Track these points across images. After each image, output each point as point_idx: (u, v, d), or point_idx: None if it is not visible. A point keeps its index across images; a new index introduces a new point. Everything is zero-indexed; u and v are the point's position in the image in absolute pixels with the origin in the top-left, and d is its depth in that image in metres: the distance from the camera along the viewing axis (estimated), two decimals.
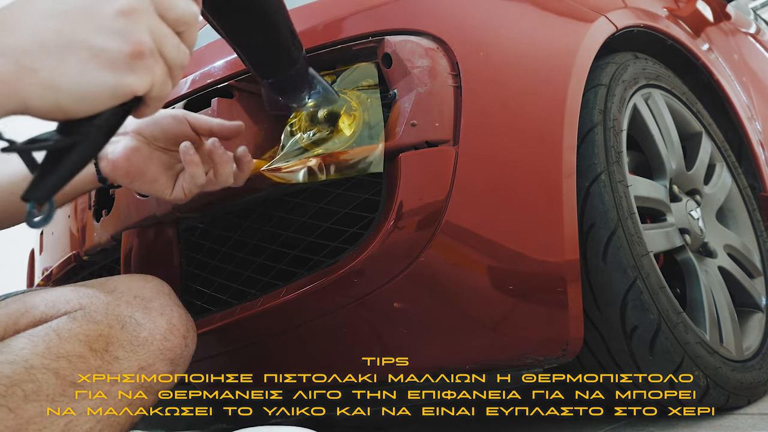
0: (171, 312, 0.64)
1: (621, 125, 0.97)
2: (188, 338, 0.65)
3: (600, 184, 0.86)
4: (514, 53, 0.84)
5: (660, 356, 0.84)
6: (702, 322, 0.96)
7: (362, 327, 0.74)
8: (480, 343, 0.75)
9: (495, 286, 0.74)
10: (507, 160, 0.76)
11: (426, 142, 0.71)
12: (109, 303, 0.61)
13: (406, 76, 0.73)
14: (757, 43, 1.95)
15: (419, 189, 0.70)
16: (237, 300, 0.79)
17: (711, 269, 1.08)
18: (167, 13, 0.43)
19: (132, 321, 0.60)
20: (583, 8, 0.99)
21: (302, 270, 0.75)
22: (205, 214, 0.81)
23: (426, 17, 0.78)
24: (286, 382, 0.83)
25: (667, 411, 0.93)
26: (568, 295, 0.77)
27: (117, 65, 0.40)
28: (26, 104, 0.39)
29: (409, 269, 0.70)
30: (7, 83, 0.37)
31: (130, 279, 0.66)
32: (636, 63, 1.09)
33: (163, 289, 0.66)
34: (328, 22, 0.80)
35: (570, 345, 0.78)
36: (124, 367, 0.58)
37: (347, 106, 0.74)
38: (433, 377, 0.76)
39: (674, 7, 1.40)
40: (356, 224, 0.73)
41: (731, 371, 0.92)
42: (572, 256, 0.78)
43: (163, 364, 0.61)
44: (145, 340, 0.60)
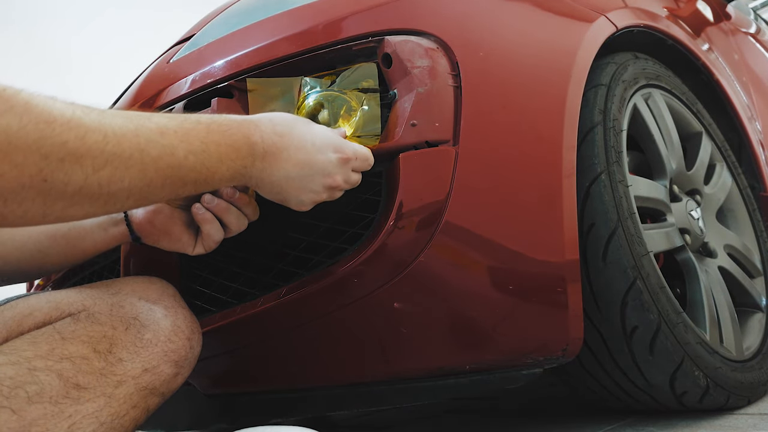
0: (175, 313, 0.64)
1: (621, 125, 0.97)
2: (193, 340, 0.64)
3: (600, 184, 0.86)
4: (514, 53, 0.84)
5: (660, 356, 0.84)
6: (702, 322, 0.96)
7: (362, 327, 0.74)
8: (480, 343, 0.75)
9: (495, 286, 0.74)
10: (507, 160, 0.76)
11: (426, 142, 0.71)
12: (113, 305, 0.61)
13: (406, 76, 0.73)
14: (757, 43, 1.95)
15: (419, 189, 0.70)
16: (237, 300, 0.79)
17: (711, 269, 1.08)
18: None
19: (136, 323, 0.60)
20: (583, 8, 0.99)
21: (302, 270, 0.75)
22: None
23: (426, 17, 0.78)
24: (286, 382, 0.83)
25: (667, 411, 0.94)
26: (568, 295, 0.77)
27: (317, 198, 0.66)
28: (257, 185, 0.63)
29: (409, 269, 0.70)
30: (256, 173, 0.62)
31: (134, 281, 0.66)
32: (636, 63, 1.09)
33: (167, 291, 0.66)
34: (328, 22, 0.79)
35: (570, 345, 0.77)
36: (128, 369, 0.58)
37: (347, 106, 0.74)
38: (433, 377, 0.76)
39: (674, 7, 1.40)
40: (356, 224, 0.73)
41: (731, 371, 0.92)
42: (572, 256, 0.78)
43: (168, 365, 0.61)
44: (149, 342, 0.60)
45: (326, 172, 0.64)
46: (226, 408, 0.90)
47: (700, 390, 0.87)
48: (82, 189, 0.48)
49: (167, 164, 0.52)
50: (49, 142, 0.44)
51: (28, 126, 0.44)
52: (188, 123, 0.56)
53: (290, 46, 0.79)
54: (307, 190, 0.65)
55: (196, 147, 0.55)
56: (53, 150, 0.45)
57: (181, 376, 0.63)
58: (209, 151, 0.56)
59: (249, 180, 0.61)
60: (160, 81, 0.91)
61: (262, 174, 0.61)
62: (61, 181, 0.46)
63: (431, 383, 0.77)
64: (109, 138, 0.48)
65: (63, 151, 0.45)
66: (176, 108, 0.85)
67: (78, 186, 0.47)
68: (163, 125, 0.53)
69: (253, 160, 0.60)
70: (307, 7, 0.84)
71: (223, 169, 0.58)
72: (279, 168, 0.62)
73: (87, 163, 0.47)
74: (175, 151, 0.53)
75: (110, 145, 0.48)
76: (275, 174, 0.62)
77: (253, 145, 0.60)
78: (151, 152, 0.51)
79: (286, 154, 0.62)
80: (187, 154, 0.54)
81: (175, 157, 0.53)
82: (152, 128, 0.52)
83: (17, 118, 0.43)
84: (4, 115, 0.43)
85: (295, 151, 0.62)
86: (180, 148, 0.54)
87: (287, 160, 0.62)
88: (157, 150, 0.52)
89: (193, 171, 0.55)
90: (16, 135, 0.43)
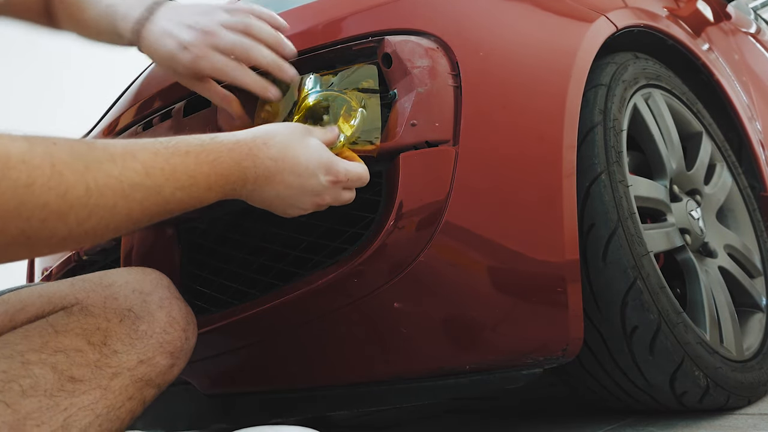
0: (170, 305, 0.63)
1: (621, 125, 0.97)
2: (188, 331, 0.64)
3: (600, 184, 0.86)
4: (514, 53, 0.84)
5: (660, 356, 0.84)
6: (702, 322, 0.96)
7: (362, 327, 0.74)
8: (480, 343, 0.75)
9: (495, 286, 0.74)
10: (507, 160, 0.76)
11: (426, 142, 0.71)
12: (107, 297, 0.60)
13: (406, 76, 0.73)
14: (757, 43, 1.95)
15: (419, 189, 0.70)
16: (237, 300, 0.79)
17: (711, 269, 1.08)
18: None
19: (130, 314, 0.60)
20: (583, 8, 0.99)
21: (302, 270, 0.75)
22: (205, 215, 0.81)
23: (426, 17, 0.78)
24: (286, 382, 0.83)
25: (667, 411, 0.94)
26: (568, 295, 0.77)
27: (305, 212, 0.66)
28: (245, 199, 0.62)
29: (409, 269, 0.70)
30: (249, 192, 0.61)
31: (128, 272, 0.65)
32: (636, 63, 1.09)
33: (162, 282, 0.65)
34: (328, 22, 0.79)
35: (570, 345, 0.77)
36: (123, 361, 0.57)
37: (347, 106, 0.74)
38: (433, 377, 0.76)
39: (674, 7, 1.40)
40: (356, 224, 0.73)
41: (731, 371, 0.92)
42: (572, 256, 0.78)
43: (163, 357, 0.60)
44: (144, 333, 0.60)
45: (316, 192, 0.64)
46: (226, 408, 0.89)
47: (700, 390, 0.87)
48: (67, 239, 0.47)
49: (153, 203, 0.52)
50: (29, 206, 0.43)
51: (6, 193, 0.42)
52: (176, 157, 0.54)
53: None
54: (294, 207, 0.65)
55: (184, 182, 0.54)
56: (34, 213, 0.44)
57: (177, 367, 0.63)
58: (198, 184, 0.55)
59: (237, 197, 0.61)
60: (160, 81, 0.91)
61: (252, 194, 0.62)
62: (45, 237, 0.45)
63: (431, 383, 0.77)
64: (91, 191, 0.47)
65: (45, 212, 0.44)
66: (176, 108, 0.85)
67: (62, 237, 0.47)
68: (149, 165, 0.52)
69: (243, 184, 0.60)
70: (307, 7, 0.83)
71: (212, 196, 0.57)
72: (269, 189, 0.62)
73: (71, 219, 0.46)
74: (162, 191, 0.52)
75: (93, 198, 0.47)
76: (265, 194, 0.62)
77: (245, 170, 0.59)
78: (136, 196, 0.50)
79: (279, 178, 0.62)
80: (174, 191, 0.53)
81: (161, 196, 0.52)
82: (138, 170, 0.50)
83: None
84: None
85: (288, 174, 0.62)
86: (166, 187, 0.53)
87: (279, 183, 0.62)
88: (142, 193, 0.51)
89: (180, 203, 0.54)
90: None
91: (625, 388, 0.89)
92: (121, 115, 0.97)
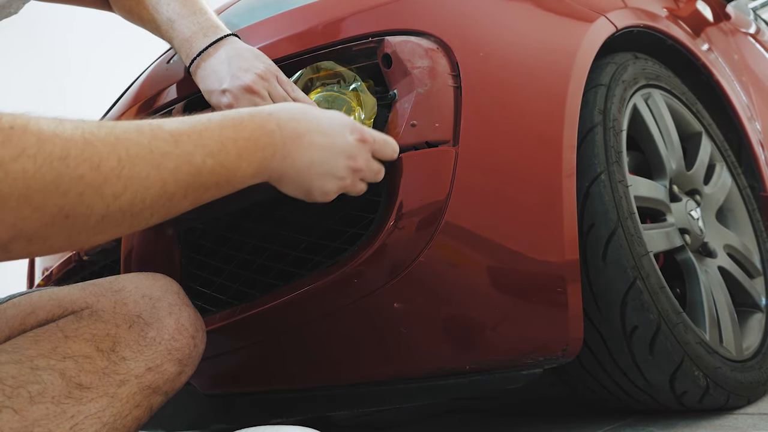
0: (179, 311, 0.63)
1: (621, 125, 0.97)
2: (197, 338, 0.64)
3: (600, 184, 0.86)
4: (514, 53, 0.84)
5: (660, 356, 0.84)
6: (702, 322, 0.96)
7: (362, 327, 0.74)
8: (480, 343, 0.75)
9: (495, 286, 0.74)
10: (507, 160, 0.76)
11: (426, 142, 0.71)
12: (117, 302, 0.60)
13: (406, 76, 0.73)
14: (757, 43, 1.95)
15: (419, 189, 0.70)
16: (237, 300, 0.79)
17: (711, 269, 1.08)
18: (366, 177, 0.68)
19: (139, 320, 0.60)
20: (583, 8, 0.99)
21: (302, 270, 0.75)
22: (205, 215, 0.81)
23: (426, 18, 0.78)
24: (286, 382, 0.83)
25: (667, 411, 0.94)
26: (568, 295, 0.77)
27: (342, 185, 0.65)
28: (280, 178, 0.61)
29: (409, 269, 0.70)
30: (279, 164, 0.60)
31: (137, 278, 0.65)
32: (636, 63, 1.09)
33: (171, 288, 0.65)
34: (328, 22, 0.80)
35: (570, 345, 0.78)
36: (131, 368, 0.57)
37: (347, 107, 0.74)
38: (433, 377, 0.76)
39: (674, 7, 1.40)
40: (356, 224, 0.73)
41: (731, 371, 0.92)
42: (572, 256, 0.78)
43: (171, 364, 0.60)
44: (153, 340, 0.59)
45: (348, 153, 0.63)
46: (226, 408, 0.90)
47: (700, 390, 0.87)
48: (105, 218, 0.47)
49: (186, 173, 0.51)
50: (66, 180, 0.43)
51: (43, 167, 0.42)
52: (200, 124, 0.54)
53: (290, 47, 0.79)
54: (331, 176, 0.63)
55: (212, 148, 0.53)
56: (71, 186, 0.44)
57: (185, 375, 0.62)
58: (227, 150, 0.54)
59: (272, 173, 0.59)
60: (159, 81, 0.91)
61: (284, 164, 0.60)
62: (83, 215, 0.45)
63: (431, 383, 0.77)
64: (124, 162, 0.47)
65: (81, 185, 0.44)
66: (176, 108, 0.85)
67: (100, 216, 0.46)
68: (176, 132, 0.52)
69: (273, 150, 0.58)
70: (307, 8, 0.84)
71: (244, 166, 0.56)
72: (301, 155, 0.60)
73: (106, 192, 0.46)
74: (192, 158, 0.52)
75: (126, 169, 0.47)
76: (297, 161, 0.60)
77: (271, 134, 0.58)
78: (168, 165, 0.50)
79: (307, 140, 0.61)
80: (204, 158, 0.52)
81: (193, 164, 0.52)
82: (166, 138, 0.50)
83: (31, 160, 0.42)
84: (18, 159, 0.41)
85: (315, 134, 0.61)
86: (197, 154, 0.52)
87: (308, 146, 0.61)
88: (173, 161, 0.50)
89: (213, 174, 0.53)
90: (33, 178, 0.42)
91: (625, 388, 0.89)
92: (121, 115, 0.97)
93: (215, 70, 0.75)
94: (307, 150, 0.61)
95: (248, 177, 0.57)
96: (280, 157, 0.59)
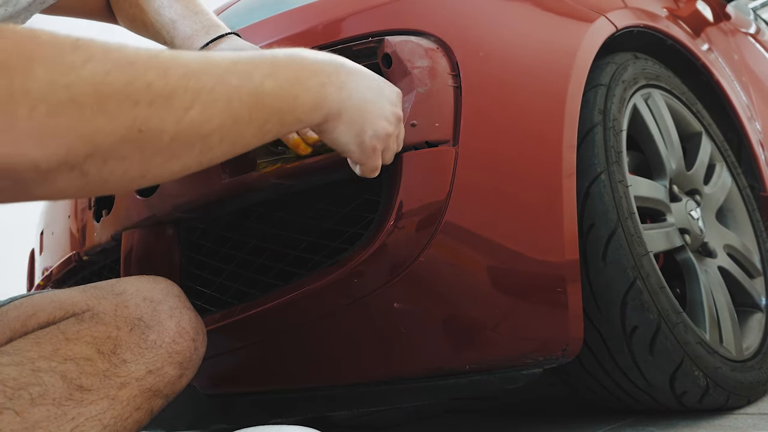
0: (180, 314, 0.63)
1: (621, 125, 0.97)
2: (198, 341, 0.63)
3: (600, 184, 0.86)
4: (514, 53, 0.84)
5: (660, 356, 0.84)
6: (702, 322, 0.96)
7: (362, 327, 0.74)
8: (480, 343, 0.75)
9: (495, 286, 0.74)
10: (507, 160, 0.76)
11: (426, 142, 0.71)
12: (118, 305, 0.60)
13: (406, 76, 0.73)
14: (757, 43, 1.95)
15: (419, 189, 0.70)
16: (237, 300, 0.79)
17: (711, 269, 1.08)
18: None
19: (140, 323, 0.60)
20: (583, 8, 0.99)
21: (302, 270, 0.75)
22: (205, 215, 0.81)
23: (426, 17, 0.78)
24: (286, 382, 0.83)
25: (667, 411, 0.94)
26: (567, 295, 0.77)
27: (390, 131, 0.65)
28: (339, 113, 0.59)
29: (409, 269, 0.70)
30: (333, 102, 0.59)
31: (139, 281, 0.65)
32: (636, 63, 1.09)
33: (173, 291, 0.65)
34: (328, 22, 0.80)
35: (570, 345, 0.78)
36: (131, 371, 0.57)
37: None
38: (433, 377, 0.76)
39: (674, 7, 1.40)
40: (356, 224, 0.73)
41: (731, 371, 0.92)
42: (572, 256, 0.78)
43: (172, 367, 0.60)
44: (154, 343, 0.59)
45: (390, 99, 0.64)
46: (226, 408, 0.90)
47: (700, 390, 0.87)
48: (177, 136, 0.46)
49: (248, 92, 0.50)
50: (136, 86, 0.43)
51: (112, 72, 0.42)
52: (250, 55, 0.54)
53: (290, 47, 0.79)
54: (382, 117, 0.63)
55: (267, 70, 0.53)
56: (141, 94, 0.43)
57: (186, 378, 0.62)
58: (282, 73, 0.54)
59: (331, 105, 0.58)
60: None
61: (341, 94, 0.59)
62: (156, 129, 0.44)
63: (431, 383, 0.77)
64: (189, 74, 0.46)
65: (151, 93, 0.44)
66: None
67: (173, 132, 0.45)
68: (232, 56, 0.52)
69: (328, 77, 0.58)
70: (307, 8, 0.84)
71: (302, 92, 0.55)
72: (356, 86, 0.60)
73: (176, 104, 0.45)
74: (252, 77, 0.51)
75: (192, 81, 0.46)
76: (354, 94, 0.60)
77: (322, 63, 0.58)
78: (231, 81, 0.49)
79: (355, 70, 0.61)
80: (263, 79, 0.52)
81: (252, 82, 0.51)
82: (225, 57, 0.51)
83: (101, 65, 0.41)
84: (89, 62, 0.40)
85: (361, 74, 0.62)
86: (255, 73, 0.52)
87: (359, 76, 0.61)
88: (236, 77, 0.50)
89: (272, 96, 0.52)
90: (103, 83, 0.41)
91: (625, 388, 0.89)
92: None
93: None
94: (359, 83, 0.61)
95: (308, 107, 0.56)
96: (336, 85, 0.59)
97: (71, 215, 1.03)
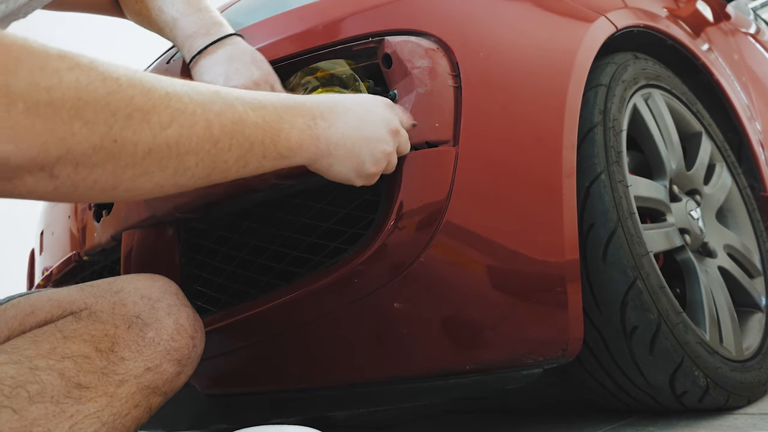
0: (178, 312, 0.63)
1: (621, 125, 0.97)
2: (196, 338, 0.63)
3: (600, 184, 0.86)
4: (514, 53, 0.84)
5: (660, 356, 0.84)
6: (702, 322, 0.96)
7: (362, 327, 0.74)
8: (480, 343, 0.75)
9: (495, 286, 0.74)
10: (507, 160, 0.76)
11: (426, 142, 0.71)
12: (116, 303, 0.60)
13: (406, 76, 0.73)
14: (757, 43, 1.95)
15: (419, 189, 0.70)
16: (237, 300, 0.79)
17: (711, 269, 1.08)
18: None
19: (138, 321, 0.60)
20: (583, 8, 0.99)
21: (302, 270, 0.75)
22: (205, 215, 0.81)
23: (426, 18, 0.78)
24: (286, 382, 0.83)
25: (667, 411, 0.94)
26: (567, 295, 0.77)
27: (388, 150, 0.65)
28: (328, 153, 0.61)
29: (409, 269, 0.70)
30: (316, 148, 0.60)
31: (136, 279, 0.65)
32: (636, 63, 1.09)
33: (170, 289, 0.65)
34: (328, 23, 0.80)
35: (570, 345, 0.78)
36: (130, 368, 0.57)
37: None
38: (433, 377, 0.76)
39: (674, 7, 1.40)
40: (356, 224, 0.73)
41: (731, 371, 0.92)
42: (572, 256, 0.78)
43: (171, 364, 0.60)
44: (152, 341, 0.59)
45: (385, 118, 0.65)
46: (226, 408, 0.90)
47: (700, 390, 0.87)
48: (152, 151, 0.46)
49: (230, 120, 0.51)
50: (117, 98, 0.44)
51: (95, 81, 0.43)
52: (235, 89, 0.55)
53: (290, 47, 0.79)
54: (378, 141, 0.63)
55: (251, 102, 0.54)
56: (121, 106, 0.44)
57: (184, 375, 0.62)
58: (265, 106, 0.55)
59: (318, 142, 0.59)
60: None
61: (330, 131, 0.60)
62: (130, 141, 0.45)
63: (431, 383, 0.77)
64: (171, 95, 0.48)
65: (131, 106, 0.45)
66: None
67: (147, 147, 0.46)
68: (213, 88, 0.53)
69: (313, 117, 0.59)
70: (307, 8, 0.84)
71: (287, 128, 0.56)
72: (343, 121, 0.61)
73: (154, 119, 0.46)
74: (235, 108, 0.52)
75: (173, 101, 0.47)
76: (341, 128, 0.61)
77: (303, 103, 0.59)
78: (213, 108, 0.50)
79: (342, 107, 0.62)
80: (246, 109, 0.53)
81: (236, 112, 0.52)
82: (209, 88, 0.52)
83: (84, 74, 0.43)
84: (72, 70, 0.42)
85: (349, 102, 0.63)
86: (238, 104, 0.52)
87: (347, 111, 0.62)
88: (218, 105, 0.51)
89: (254, 127, 0.53)
90: (85, 90, 0.42)
91: (625, 388, 0.89)
92: None
93: (211, 68, 0.75)
94: (346, 116, 0.61)
95: (293, 142, 0.57)
96: (322, 125, 0.59)
97: (71, 215, 1.03)
